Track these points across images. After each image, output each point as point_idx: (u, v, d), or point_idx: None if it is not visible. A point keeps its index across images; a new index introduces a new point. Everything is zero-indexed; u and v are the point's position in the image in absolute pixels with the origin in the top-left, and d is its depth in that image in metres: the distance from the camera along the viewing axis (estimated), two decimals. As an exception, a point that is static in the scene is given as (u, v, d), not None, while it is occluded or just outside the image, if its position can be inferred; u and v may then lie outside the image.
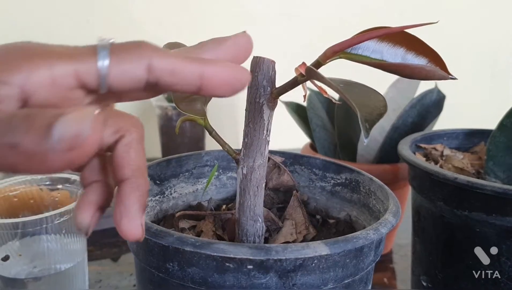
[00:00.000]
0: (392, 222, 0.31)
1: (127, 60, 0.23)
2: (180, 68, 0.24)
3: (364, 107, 0.25)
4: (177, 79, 0.24)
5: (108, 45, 0.23)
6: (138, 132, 0.24)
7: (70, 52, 0.23)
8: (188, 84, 0.24)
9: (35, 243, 0.46)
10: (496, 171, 0.49)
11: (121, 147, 0.23)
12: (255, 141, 0.32)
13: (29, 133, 0.19)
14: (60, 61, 0.22)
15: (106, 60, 0.22)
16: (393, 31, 0.27)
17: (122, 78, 0.23)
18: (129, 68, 0.23)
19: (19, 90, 0.21)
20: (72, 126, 0.19)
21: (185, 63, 0.24)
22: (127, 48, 0.23)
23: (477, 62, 1.19)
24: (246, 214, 0.33)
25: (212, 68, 0.24)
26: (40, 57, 0.22)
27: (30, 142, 0.19)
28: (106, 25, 1.00)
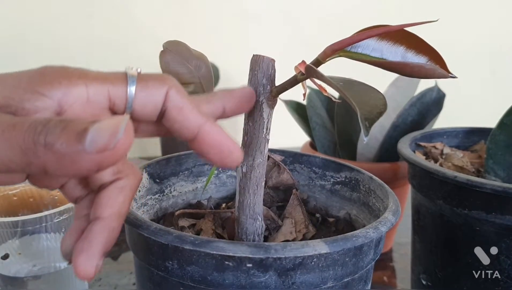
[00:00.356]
0: (392, 220, 0.31)
1: (151, 87, 0.25)
2: (188, 110, 0.26)
3: (364, 105, 0.25)
4: (181, 118, 0.26)
5: (136, 74, 0.26)
6: (135, 181, 0.26)
7: (103, 75, 0.25)
8: (186, 129, 0.26)
9: (35, 242, 0.46)
10: (496, 169, 0.49)
11: (114, 188, 0.25)
12: (255, 139, 0.32)
13: (64, 133, 0.20)
14: (95, 82, 0.24)
15: (134, 86, 0.25)
16: (393, 29, 0.27)
17: (145, 102, 0.25)
18: (152, 94, 0.25)
19: (56, 104, 0.23)
20: (107, 129, 0.20)
21: (193, 109, 0.26)
22: (152, 77, 0.26)
23: (477, 60, 1.19)
24: (246, 212, 0.33)
25: (210, 128, 0.26)
26: (78, 77, 0.24)
27: (64, 142, 0.20)
28: (107, 24, 1.00)
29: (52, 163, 0.20)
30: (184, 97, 0.26)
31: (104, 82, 0.25)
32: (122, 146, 0.20)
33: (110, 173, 0.25)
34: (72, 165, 0.20)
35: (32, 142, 0.20)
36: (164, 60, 0.32)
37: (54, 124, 0.20)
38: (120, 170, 0.26)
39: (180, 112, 0.26)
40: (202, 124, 0.26)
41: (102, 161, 0.20)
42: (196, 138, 0.26)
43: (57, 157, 0.20)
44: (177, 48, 0.32)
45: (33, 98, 0.23)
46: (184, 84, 0.33)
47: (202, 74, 0.33)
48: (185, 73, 0.32)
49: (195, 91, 0.33)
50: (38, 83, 0.23)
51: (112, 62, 1.02)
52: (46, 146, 0.20)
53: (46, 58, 0.98)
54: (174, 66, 0.32)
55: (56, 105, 0.23)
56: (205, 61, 0.34)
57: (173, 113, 0.26)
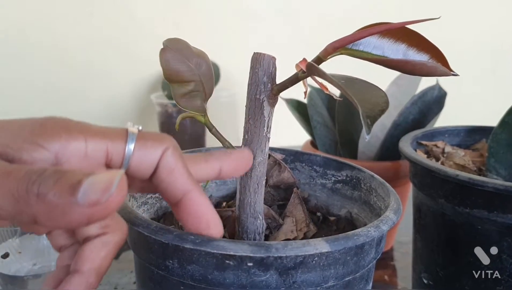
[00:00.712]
0: (393, 219, 0.31)
1: (149, 147, 0.26)
2: (178, 174, 0.26)
3: (366, 103, 0.25)
4: (169, 180, 0.26)
5: (136, 131, 0.26)
6: (120, 237, 0.26)
7: (103, 131, 0.25)
8: (171, 192, 0.26)
9: (35, 241, 0.46)
10: (497, 168, 0.49)
11: (98, 242, 0.25)
12: (256, 138, 0.32)
13: (58, 184, 0.20)
14: (95, 137, 0.24)
15: (132, 144, 0.25)
16: (395, 27, 0.27)
17: (141, 160, 0.26)
18: (149, 152, 0.26)
19: (54, 156, 0.23)
20: (100, 183, 0.20)
21: (183, 173, 0.26)
22: (152, 137, 0.26)
23: (478, 59, 1.18)
24: (246, 211, 0.33)
25: (196, 196, 0.26)
26: (78, 131, 0.24)
27: (57, 193, 0.20)
28: (107, 23, 1.00)
29: (43, 214, 0.20)
30: (178, 159, 0.26)
31: (104, 138, 0.25)
32: (114, 201, 0.20)
33: (97, 227, 0.25)
34: (62, 217, 0.20)
35: (25, 191, 0.20)
36: (164, 58, 0.32)
37: (49, 175, 0.20)
38: (108, 225, 0.26)
39: (170, 174, 0.26)
40: (188, 191, 0.26)
41: (93, 214, 0.20)
42: (178, 203, 0.26)
43: (49, 207, 0.20)
44: (177, 46, 0.32)
45: (31, 149, 0.23)
46: (184, 82, 0.32)
47: (203, 72, 0.33)
48: (186, 71, 0.32)
49: (195, 89, 0.33)
50: (38, 134, 0.23)
51: (112, 61, 1.02)
52: (39, 196, 0.20)
53: (46, 57, 0.98)
54: (174, 64, 0.32)
55: (53, 157, 0.23)
56: (205, 59, 0.33)
57: (163, 174, 0.26)
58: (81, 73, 1.01)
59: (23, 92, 0.99)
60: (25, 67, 0.98)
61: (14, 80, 0.99)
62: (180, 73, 0.32)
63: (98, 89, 1.04)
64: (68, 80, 1.01)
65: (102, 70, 1.03)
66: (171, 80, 0.32)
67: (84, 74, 1.02)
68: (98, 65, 1.02)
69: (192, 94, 0.33)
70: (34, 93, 1.00)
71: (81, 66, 1.01)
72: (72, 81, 1.02)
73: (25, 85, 0.99)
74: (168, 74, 0.32)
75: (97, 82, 1.03)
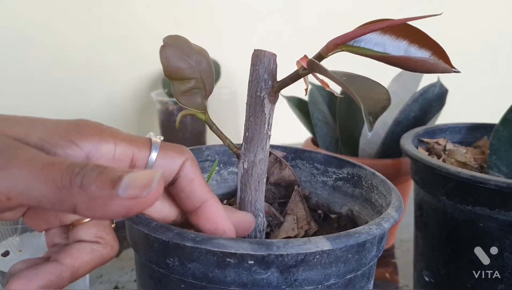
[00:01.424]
0: (395, 216, 0.31)
1: (170, 156, 0.28)
2: (197, 183, 0.29)
3: (368, 100, 0.24)
4: (189, 189, 0.28)
5: (159, 142, 0.28)
6: (109, 253, 0.28)
7: (131, 138, 0.27)
8: (190, 200, 0.29)
9: (35, 239, 0.46)
10: (499, 165, 0.49)
11: (88, 246, 0.27)
12: (256, 135, 0.32)
13: (100, 177, 0.21)
14: (124, 142, 0.26)
15: (156, 153, 0.27)
16: (396, 23, 0.27)
17: (162, 168, 0.27)
18: (170, 163, 0.28)
19: (85, 155, 0.25)
20: (141, 180, 0.21)
21: (202, 183, 0.29)
22: (173, 148, 0.28)
23: (480, 56, 1.18)
24: (247, 209, 0.33)
25: (213, 204, 0.29)
26: (109, 135, 0.26)
27: (99, 185, 0.21)
28: (107, 20, 1.00)
29: (83, 203, 0.21)
30: (196, 170, 0.29)
31: (131, 145, 0.27)
32: (153, 196, 0.21)
33: (92, 234, 0.27)
34: (102, 208, 0.21)
35: (68, 181, 0.21)
36: (164, 55, 0.31)
37: (91, 168, 0.21)
38: (103, 237, 0.28)
39: (190, 183, 0.28)
40: (206, 199, 0.29)
41: (132, 207, 0.21)
42: (196, 211, 0.29)
43: (90, 198, 0.21)
44: (177, 43, 0.32)
45: (66, 145, 0.24)
46: (184, 79, 0.32)
47: (203, 69, 0.33)
48: (186, 68, 0.32)
49: (196, 86, 0.33)
50: (73, 133, 0.25)
51: (112, 58, 1.02)
52: (82, 187, 0.21)
53: (46, 55, 0.98)
54: (174, 61, 0.32)
55: (84, 156, 0.25)
56: (205, 56, 0.33)
57: (183, 183, 0.28)
58: (81, 71, 1.01)
59: (23, 90, 0.99)
60: (24, 65, 0.98)
61: (13, 78, 0.98)
62: (181, 70, 0.32)
63: (98, 87, 1.04)
64: (68, 78, 1.01)
65: (102, 67, 1.02)
66: (172, 78, 0.32)
67: (84, 72, 1.02)
68: (98, 63, 1.02)
69: (193, 92, 0.33)
70: (34, 90, 1.00)
71: (81, 64, 1.01)
72: (72, 79, 1.01)
73: (24, 83, 0.99)
74: (168, 71, 0.32)
75: (97, 80, 1.03)
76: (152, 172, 0.22)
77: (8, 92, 0.98)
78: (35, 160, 0.22)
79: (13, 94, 0.99)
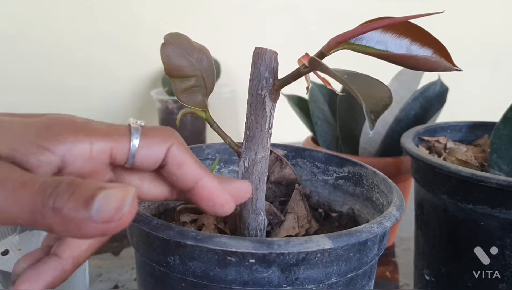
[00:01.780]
0: (396, 215, 0.31)
1: (153, 144, 0.26)
2: (186, 166, 0.27)
3: (369, 98, 0.24)
4: (179, 173, 0.27)
5: (139, 128, 0.26)
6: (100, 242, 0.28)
7: (107, 130, 0.25)
8: (183, 183, 0.27)
9: (35, 238, 0.46)
10: (500, 164, 0.49)
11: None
12: (257, 134, 0.31)
13: (72, 200, 0.20)
14: (100, 139, 0.25)
15: (137, 141, 0.26)
16: (398, 21, 0.27)
17: (146, 157, 0.26)
18: (154, 150, 0.26)
19: (60, 159, 0.23)
20: (113, 201, 0.20)
21: (192, 164, 0.27)
22: (156, 133, 0.27)
23: (481, 54, 1.18)
24: (248, 207, 0.33)
25: (206, 183, 0.28)
26: (83, 133, 0.24)
27: (72, 208, 0.20)
28: (107, 18, 1.00)
29: (58, 225, 0.21)
30: (185, 153, 0.27)
31: (108, 140, 0.25)
32: (128, 218, 0.21)
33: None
34: (77, 230, 0.20)
35: (41, 204, 0.20)
36: (165, 53, 0.31)
37: (64, 188, 0.21)
38: None
39: (179, 167, 0.27)
40: (198, 179, 0.27)
41: (107, 230, 0.21)
42: (191, 191, 0.28)
43: (64, 221, 0.20)
44: (178, 41, 0.32)
45: (38, 152, 0.23)
46: (185, 77, 0.32)
47: (204, 67, 0.33)
48: (187, 66, 0.32)
49: (196, 84, 0.33)
50: (45, 138, 0.23)
51: (112, 57, 1.02)
52: (54, 210, 0.20)
53: (45, 53, 0.98)
54: (175, 59, 0.31)
55: (59, 160, 0.23)
56: (206, 54, 0.33)
57: (172, 169, 0.27)
58: (81, 69, 1.01)
59: (23, 88, 0.99)
60: (24, 63, 0.98)
61: (13, 76, 0.98)
62: (181, 68, 0.32)
63: (97, 85, 1.03)
64: (67, 76, 1.01)
65: (101, 66, 1.02)
66: (172, 76, 0.32)
67: (84, 70, 1.01)
68: (97, 61, 1.02)
69: (193, 90, 0.33)
70: (33, 89, 1.00)
71: (81, 62, 1.01)
72: (71, 77, 1.01)
73: (24, 81, 0.99)
74: (169, 69, 0.32)
75: (97, 78, 1.03)
76: (124, 190, 0.21)
77: (8, 91, 0.98)
78: (6, 181, 0.21)
79: (12, 93, 0.99)
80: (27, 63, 0.98)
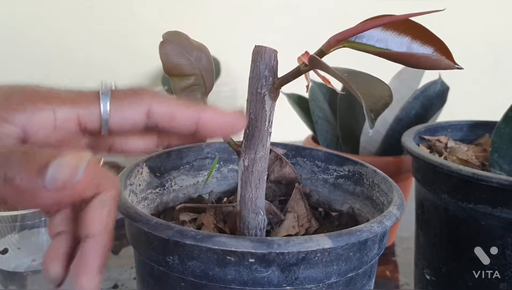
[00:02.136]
0: (397, 214, 0.31)
1: (127, 106, 0.24)
2: (179, 114, 0.25)
3: (369, 97, 0.24)
4: (175, 123, 0.26)
5: (109, 91, 0.24)
6: (115, 192, 0.25)
7: (73, 97, 0.24)
8: (184, 130, 0.26)
9: (34, 236, 0.46)
10: (501, 163, 0.49)
11: (96, 202, 0.24)
12: (257, 133, 0.31)
13: (25, 169, 0.19)
14: (63, 106, 0.23)
15: (107, 106, 0.24)
16: (398, 19, 0.27)
17: (122, 122, 0.24)
18: (129, 113, 0.24)
19: (20, 130, 0.22)
20: (66, 168, 0.20)
21: (182, 109, 0.26)
22: (127, 94, 0.25)
23: (482, 53, 1.18)
24: (248, 206, 0.33)
25: (207, 115, 0.26)
26: (44, 101, 0.23)
27: (24, 178, 0.19)
28: (106, 17, 1.00)
29: (12, 196, 0.20)
30: (170, 104, 0.26)
31: (74, 106, 0.24)
32: (82, 186, 0.20)
33: (91, 187, 0.24)
34: (32, 200, 0.20)
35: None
36: (164, 51, 0.31)
37: (17, 158, 0.20)
38: (99, 183, 0.24)
39: (171, 121, 0.26)
40: (197, 118, 0.26)
41: (62, 198, 0.20)
42: (196, 130, 0.26)
43: (17, 190, 0.19)
44: (177, 39, 0.32)
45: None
46: (184, 76, 0.32)
47: (203, 65, 0.32)
48: (186, 64, 0.32)
49: (195, 83, 0.32)
50: (3, 108, 0.22)
51: (111, 55, 1.02)
52: (6, 180, 0.19)
53: (45, 52, 0.98)
54: (174, 58, 0.31)
55: (20, 131, 0.22)
56: (206, 52, 0.33)
57: (165, 124, 0.26)
58: (81, 69, 1.01)
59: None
60: (24, 63, 0.98)
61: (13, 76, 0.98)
62: (180, 66, 0.32)
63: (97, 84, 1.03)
64: (67, 75, 1.01)
65: (101, 65, 1.02)
66: (171, 74, 0.32)
67: (84, 69, 1.01)
68: (97, 60, 1.01)
69: (193, 88, 0.33)
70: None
71: (80, 61, 1.00)
72: (71, 76, 1.01)
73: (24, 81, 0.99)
74: (168, 68, 0.31)
75: (97, 78, 1.02)
76: (78, 156, 0.20)
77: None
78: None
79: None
80: (27, 63, 0.98)
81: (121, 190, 0.33)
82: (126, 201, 0.31)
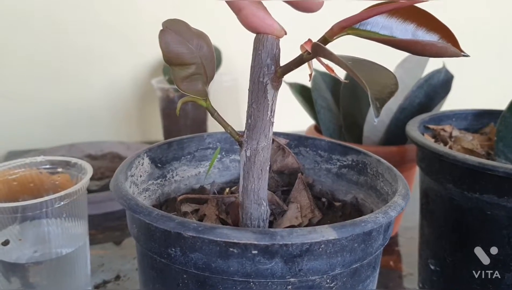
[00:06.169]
0: (402, 205, 0.30)
1: None
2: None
3: (375, 85, 0.24)
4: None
5: None
6: None
7: None
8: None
9: (36, 228, 0.46)
10: (506, 152, 0.48)
11: None
12: (259, 122, 0.31)
13: None
14: None
15: None
16: (403, 5, 0.26)
17: None
18: None
19: None
20: None
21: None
22: None
23: (487, 41, 1.17)
24: (250, 197, 0.32)
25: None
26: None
27: None
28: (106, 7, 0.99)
29: None
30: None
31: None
32: None
33: None
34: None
35: None
36: (164, 40, 0.30)
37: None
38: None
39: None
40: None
41: None
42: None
43: None
44: (177, 27, 0.31)
45: None
46: (185, 65, 0.31)
47: (204, 54, 0.32)
48: (186, 53, 0.31)
49: (196, 72, 0.32)
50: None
51: (112, 45, 1.01)
52: None
53: (46, 42, 0.97)
54: (174, 46, 0.31)
55: None
56: (206, 40, 0.32)
57: None
58: (81, 58, 1.00)
59: (23, 77, 0.98)
60: (24, 51, 0.97)
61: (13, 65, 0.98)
62: (181, 55, 0.31)
63: (98, 74, 1.03)
64: (68, 65, 1.00)
65: (102, 55, 1.01)
66: (171, 63, 0.31)
67: (84, 59, 1.01)
68: (97, 50, 1.01)
69: (193, 78, 0.32)
70: (34, 78, 0.99)
71: (81, 51, 1.00)
72: (72, 67, 1.00)
73: (24, 70, 0.98)
74: (168, 57, 0.31)
75: (97, 67, 1.02)
76: None
77: (8, 80, 0.98)
78: None
79: (13, 81, 0.98)
80: (27, 52, 0.97)
81: (122, 181, 0.33)
82: (127, 192, 0.30)
